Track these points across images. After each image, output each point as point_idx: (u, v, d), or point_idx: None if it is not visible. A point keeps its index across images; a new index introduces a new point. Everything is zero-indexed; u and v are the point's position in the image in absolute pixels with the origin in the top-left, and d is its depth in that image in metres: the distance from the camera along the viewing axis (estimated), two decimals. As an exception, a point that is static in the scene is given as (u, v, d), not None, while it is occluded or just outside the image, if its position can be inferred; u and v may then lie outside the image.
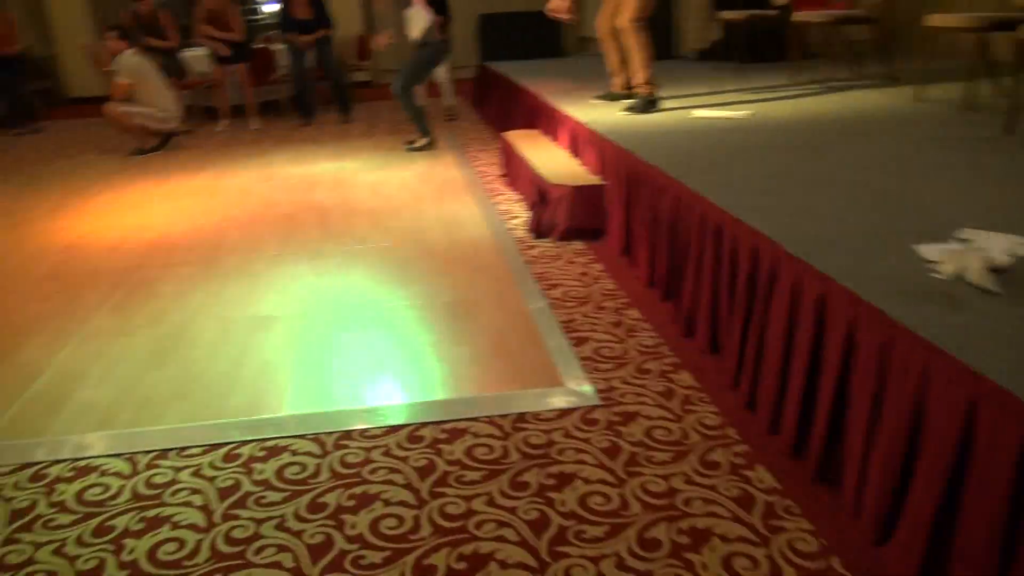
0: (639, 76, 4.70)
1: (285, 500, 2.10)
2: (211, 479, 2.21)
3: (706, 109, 4.70)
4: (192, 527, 2.02)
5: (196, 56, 8.52)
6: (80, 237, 4.56)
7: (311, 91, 8.31)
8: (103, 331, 3.22)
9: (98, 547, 1.96)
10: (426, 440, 2.33)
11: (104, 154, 7.18)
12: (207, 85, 8.54)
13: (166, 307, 3.45)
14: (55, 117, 9.72)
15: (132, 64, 6.68)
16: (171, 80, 7.74)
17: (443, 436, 2.35)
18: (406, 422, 2.43)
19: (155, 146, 7.02)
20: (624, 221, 3.72)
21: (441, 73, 7.92)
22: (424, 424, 2.42)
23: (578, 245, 3.99)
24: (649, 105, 4.71)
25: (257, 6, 11.80)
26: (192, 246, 4.28)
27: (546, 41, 9.14)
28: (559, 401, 2.50)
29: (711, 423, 2.34)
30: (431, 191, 5.19)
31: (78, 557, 1.93)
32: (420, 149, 6.51)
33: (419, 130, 6.55)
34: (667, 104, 4.90)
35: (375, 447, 2.32)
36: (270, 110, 9.02)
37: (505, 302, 3.31)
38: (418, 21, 6.05)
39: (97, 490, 2.19)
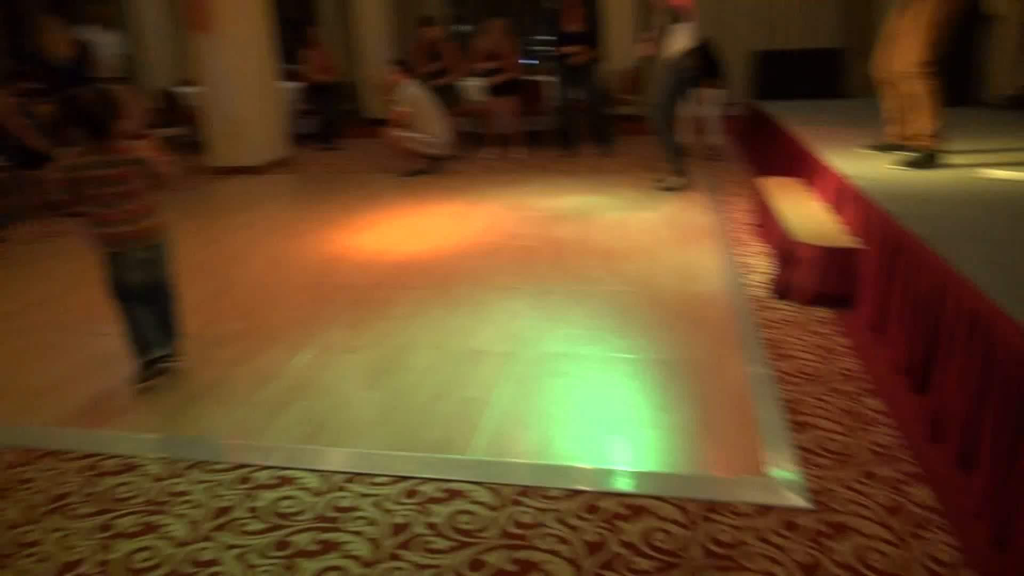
0: (922, 126, 4.16)
1: (450, 550, 2.07)
2: (388, 512, 2.24)
3: (1004, 169, 4.05)
4: (358, 559, 2.05)
5: (472, 85, 9.06)
6: (341, 251, 4.98)
7: (574, 122, 8.46)
8: (334, 346, 3.46)
9: (274, 561, 2.06)
10: (604, 513, 2.19)
11: (382, 174, 7.85)
12: (479, 113, 9.03)
13: (393, 329, 3.62)
14: (354, 136, 10.79)
15: (411, 94, 7.25)
16: (446, 107, 8.30)
17: (623, 512, 2.19)
18: (588, 488, 2.30)
19: (425, 169, 7.54)
20: (879, 292, 3.29)
21: (708, 109, 7.69)
22: (606, 494, 2.27)
23: (823, 312, 3.60)
24: (928, 160, 4.15)
25: (533, 38, 12.32)
26: (431, 269, 4.49)
27: (825, 81, 8.54)
28: (760, 495, 2.23)
29: (944, 559, 1.95)
30: (673, 235, 5.00)
31: (256, 567, 2.04)
32: (672, 189, 6.34)
33: (673, 169, 6.39)
34: (952, 159, 4.29)
35: (550, 510, 2.22)
36: (534, 140, 9.35)
37: (725, 369, 3.06)
38: (680, 40, 5.88)
39: (288, 503, 2.31)
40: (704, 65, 6.57)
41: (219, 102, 7.98)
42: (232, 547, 2.13)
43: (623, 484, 2.32)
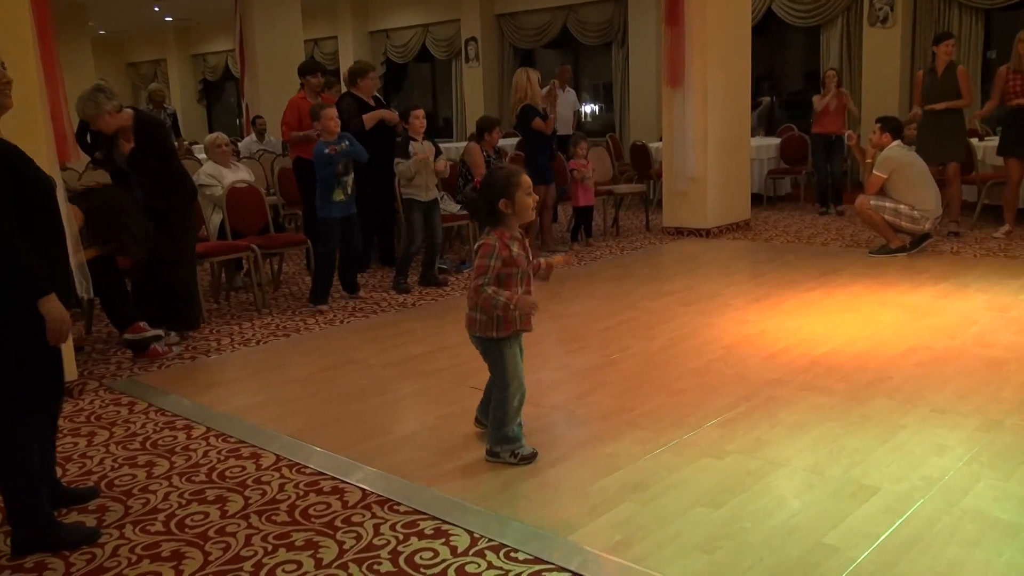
0: None
1: None
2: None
3: None
4: None
5: (989, 146, 8.03)
6: (753, 335, 4.80)
7: None
8: (696, 444, 3.33)
9: None
10: None
11: (847, 247, 7.39)
12: (997, 181, 7.96)
13: (773, 438, 3.36)
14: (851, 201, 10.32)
15: (892, 158, 6.69)
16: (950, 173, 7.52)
17: None
18: None
19: (902, 247, 6.87)
20: None
21: None
22: None
23: None
24: None
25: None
26: (851, 373, 4.06)
27: None
28: None
29: None
30: None
31: None
32: None
33: None
34: None
35: None
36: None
37: None
38: None
39: (562, 618, 2.28)
40: None
41: (677, 159, 8.35)
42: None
43: None
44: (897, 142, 6.79)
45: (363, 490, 3.08)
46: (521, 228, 3.27)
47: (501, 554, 2.60)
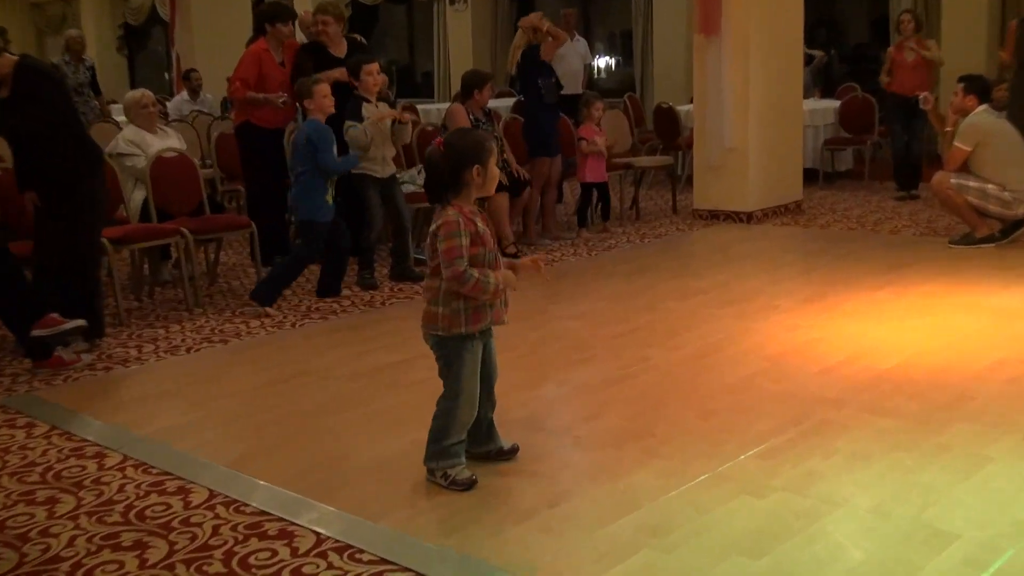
0: None
1: None
2: None
3: None
4: None
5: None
6: (804, 344, 4.83)
7: None
8: (732, 479, 3.34)
9: None
10: None
11: (921, 236, 7.43)
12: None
13: (828, 472, 3.37)
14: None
15: (978, 126, 6.70)
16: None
17: None
18: None
19: (990, 236, 6.89)
20: None
21: None
22: None
23: None
24: None
25: None
26: (926, 390, 4.09)
27: None
28: None
29: None
30: None
31: None
32: None
33: None
34: None
35: None
36: None
37: None
38: None
39: None
40: None
41: (712, 125, 8.36)
42: None
43: None
44: (984, 107, 6.82)
45: (317, 534, 3.08)
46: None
47: (490, 614, 2.61)
